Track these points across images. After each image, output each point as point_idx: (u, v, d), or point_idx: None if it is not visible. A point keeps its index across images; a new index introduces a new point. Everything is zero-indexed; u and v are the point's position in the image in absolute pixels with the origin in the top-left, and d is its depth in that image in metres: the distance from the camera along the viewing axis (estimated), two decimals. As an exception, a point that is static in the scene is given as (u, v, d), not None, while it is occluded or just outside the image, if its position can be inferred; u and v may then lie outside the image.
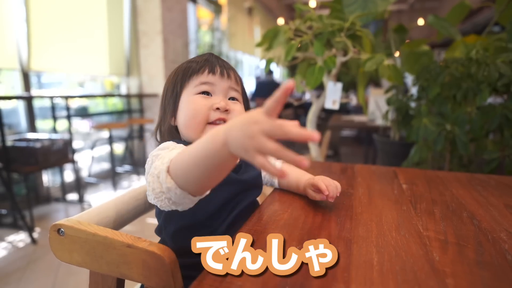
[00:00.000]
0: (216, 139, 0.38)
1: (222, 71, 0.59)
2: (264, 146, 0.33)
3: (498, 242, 0.45)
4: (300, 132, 0.33)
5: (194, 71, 0.59)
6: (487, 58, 1.08)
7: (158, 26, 3.23)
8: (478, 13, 4.54)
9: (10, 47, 2.15)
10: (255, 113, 0.35)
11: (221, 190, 0.53)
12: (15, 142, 2.05)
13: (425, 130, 1.13)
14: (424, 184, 0.73)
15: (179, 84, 0.59)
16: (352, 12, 1.18)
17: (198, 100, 0.57)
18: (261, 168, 0.35)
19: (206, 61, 0.60)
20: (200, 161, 0.40)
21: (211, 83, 0.58)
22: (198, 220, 0.55)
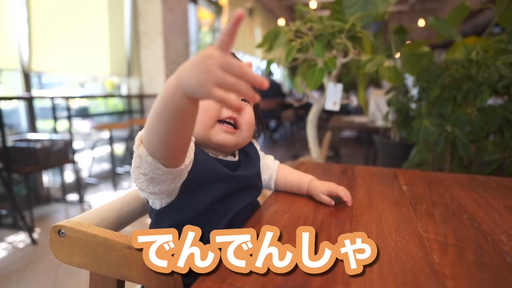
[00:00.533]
0: (168, 86, 0.36)
1: None
2: (222, 79, 0.32)
3: (498, 244, 0.45)
4: (255, 75, 0.32)
5: None
6: (487, 59, 1.08)
7: (159, 26, 3.24)
8: (478, 15, 4.54)
9: (11, 48, 2.15)
10: (209, 49, 0.33)
11: (213, 187, 0.51)
12: (15, 143, 2.05)
13: (425, 131, 1.13)
14: (424, 185, 0.73)
15: None
16: (353, 13, 1.18)
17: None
18: (219, 101, 0.33)
19: None
20: (159, 115, 0.38)
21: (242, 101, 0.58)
22: (188, 218, 0.52)
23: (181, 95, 0.35)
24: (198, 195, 0.52)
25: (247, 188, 0.58)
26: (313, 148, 1.39)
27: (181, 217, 0.52)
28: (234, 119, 0.55)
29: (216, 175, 0.53)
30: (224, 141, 0.54)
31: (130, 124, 3.02)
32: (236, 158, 0.60)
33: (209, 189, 0.52)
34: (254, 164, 0.62)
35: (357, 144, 5.01)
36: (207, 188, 0.52)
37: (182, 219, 0.52)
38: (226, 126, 0.55)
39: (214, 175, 0.52)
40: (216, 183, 0.52)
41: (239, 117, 0.56)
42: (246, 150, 0.63)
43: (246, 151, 0.63)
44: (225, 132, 0.54)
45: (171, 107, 0.37)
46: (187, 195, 0.51)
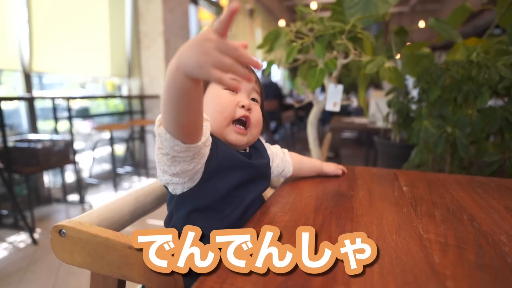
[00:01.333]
0: (170, 68, 0.39)
1: (250, 73, 0.63)
2: (220, 60, 0.35)
3: (498, 245, 0.45)
4: (250, 57, 0.36)
5: None
6: (488, 60, 1.08)
7: (160, 27, 3.24)
8: (479, 16, 4.55)
9: (12, 48, 2.16)
10: (207, 33, 0.36)
11: (232, 173, 0.55)
12: (16, 143, 2.05)
13: (425, 132, 1.13)
14: (425, 186, 0.73)
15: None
16: (353, 14, 1.18)
17: (226, 96, 0.61)
18: (217, 81, 0.35)
19: None
20: (167, 95, 0.40)
21: (238, 81, 0.61)
22: (209, 202, 0.56)
23: (182, 75, 0.37)
24: (218, 180, 0.55)
25: (260, 177, 0.63)
26: (314, 149, 1.39)
27: (201, 202, 0.55)
28: (246, 117, 0.60)
29: (236, 162, 0.58)
30: (237, 141, 0.60)
31: (131, 124, 3.02)
32: (247, 150, 0.66)
33: (228, 176, 0.56)
34: (263, 155, 0.67)
35: (357, 145, 5.01)
36: (227, 174, 0.56)
37: (202, 204, 0.55)
38: (238, 127, 0.60)
39: (234, 162, 0.57)
40: (235, 170, 0.56)
41: (251, 116, 0.61)
42: (255, 144, 0.68)
43: (255, 145, 0.68)
44: (237, 133, 0.60)
45: (175, 87, 0.39)
46: (208, 181, 0.54)
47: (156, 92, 3.36)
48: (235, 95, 0.61)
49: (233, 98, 0.60)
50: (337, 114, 4.05)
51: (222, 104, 0.59)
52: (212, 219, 0.56)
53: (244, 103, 0.60)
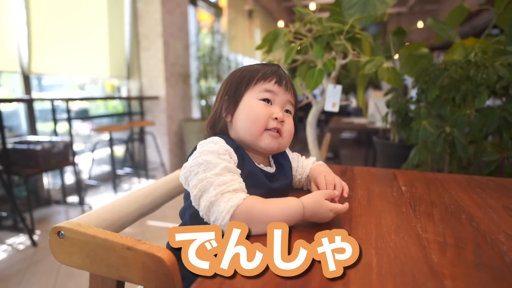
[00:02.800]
0: (299, 210, 0.49)
1: (287, 84, 0.64)
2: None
3: (496, 244, 0.45)
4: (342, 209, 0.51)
5: (262, 78, 0.63)
6: (486, 60, 1.09)
7: (159, 29, 3.25)
8: (477, 16, 4.56)
9: (11, 50, 2.16)
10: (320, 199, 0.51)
11: (251, 191, 0.55)
12: (15, 145, 2.05)
13: (424, 132, 1.14)
14: (423, 186, 0.73)
15: (245, 85, 0.63)
16: (352, 15, 1.19)
17: (261, 106, 0.61)
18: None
19: (275, 71, 0.64)
20: (282, 217, 0.47)
21: (275, 93, 0.62)
22: None
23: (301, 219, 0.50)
24: None
25: (275, 196, 0.60)
26: (313, 150, 1.40)
27: None
28: (278, 129, 0.61)
29: (257, 182, 0.58)
30: (269, 145, 0.60)
31: (130, 126, 3.02)
32: (273, 169, 0.66)
33: (249, 191, 0.54)
34: (287, 174, 0.67)
35: (357, 145, 5.02)
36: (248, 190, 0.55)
37: None
38: (272, 131, 0.60)
39: (255, 181, 0.58)
40: (254, 188, 0.55)
41: (283, 128, 0.61)
42: (280, 160, 0.68)
43: (280, 161, 0.67)
44: (271, 136, 0.60)
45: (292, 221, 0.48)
46: None
47: (156, 93, 3.36)
48: (269, 106, 0.61)
49: (267, 110, 0.61)
50: (336, 115, 4.06)
51: (257, 114, 0.60)
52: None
53: (277, 115, 0.60)
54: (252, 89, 0.62)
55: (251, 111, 0.61)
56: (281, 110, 0.62)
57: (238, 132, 0.62)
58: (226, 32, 4.74)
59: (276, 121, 0.60)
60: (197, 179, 0.51)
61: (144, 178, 3.26)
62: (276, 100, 0.62)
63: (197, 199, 0.50)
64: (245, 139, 0.61)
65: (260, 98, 0.61)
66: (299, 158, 0.73)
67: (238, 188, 0.50)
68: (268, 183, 0.60)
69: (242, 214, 0.46)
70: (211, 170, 0.51)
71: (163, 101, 3.36)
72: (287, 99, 0.64)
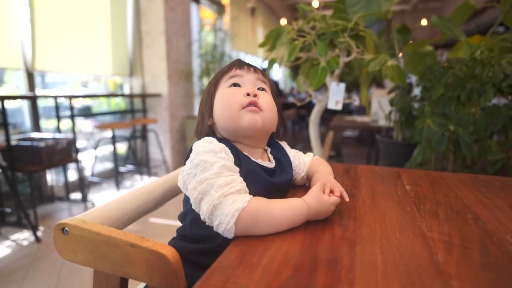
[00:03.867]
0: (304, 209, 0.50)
1: (248, 66, 0.64)
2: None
3: (503, 244, 0.45)
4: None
5: (224, 71, 0.64)
6: (492, 58, 1.07)
7: (161, 26, 3.24)
8: (482, 13, 4.52)
9: (15, 47, 2.16)
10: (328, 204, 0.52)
11: (251, 189, 0.54)
12: (19, 142, 2.06)
13: (428, 131, 1.13)
14: (428, 185, 0.73)
15: (213, 87, 0.64)
16: (356, 12, 1.18)
17: (230, 91, 0.61)
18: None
19: (234, 62, 0.66)
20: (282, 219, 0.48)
21: (240, 75, 0.63)
22: None
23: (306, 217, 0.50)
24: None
25: (277, 192, 0.60)
26: (315, 148, 1.39)
27: None
28: (254, 103, 0.59)
29: (256, 178, 0.56)
30: (251, 121, 0.58)
31: (133, 123, 3.03)
32: (273, 165, 0.64)
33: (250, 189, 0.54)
34: (286, 171, 0.65)
35: (359, 143, 5.00)
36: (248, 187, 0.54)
37: None
38: (249, 107, 0.58)
39: (255, 178, 0.56)
40: (254, 186, 0.54)
41: (259, 102, 0.60)
42: (279, 157, 0.66)
43: (280, 158, 0.66)
44: (250, 112, 0.58)
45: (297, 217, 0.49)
46: None
47: (158, 90, 3.37)
48: (239, 88, 0.61)
49: (237, 90, 0.61)
50: (339, 113, 4.04)
51: (228, 98, 0.60)
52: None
53: (248, 90, 0.59)
54: (220, 85, 0.63)
55: (223, 98, 0.61)
56: (252, 87, 0.62)
57: (221, 126, 0.61)
58: (229, 29, 4.73)
59: (249, 97, 0.59)
60: (196, 181, 0.49)
61: (146, 176, 3.27)
62: (243, 81, 0.62)
63: (198, 202, 0.48)
64: (228, 128, 0.60)
65: (228, 85, 0.62)
66: (300, 155, 0.72)
67: (240, 189, 0.49)
68: (268, 178, 0.59)
69: (247, 218, 0.45)
70: (209, 170, 0.50)
71: (166, 98, 3.36)
72: (255, 77, 0.63)
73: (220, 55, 3.93)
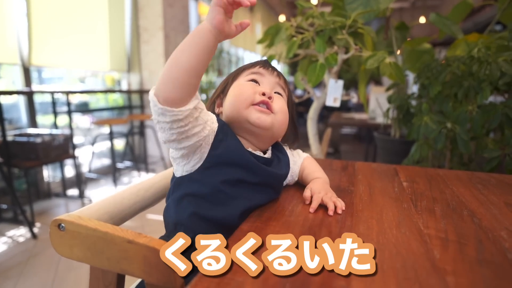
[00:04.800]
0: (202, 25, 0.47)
1: (273, 69, 0.64)
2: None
3: (498, 241, 0.45)
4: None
5: (248, 67, 0.64)
6: (489, 56, 1.08)
7: (159, 22, 3.22)
8: (480, 12, 4.52)
9: (11, 42, 2.14)
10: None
11: (235, 170, 0.54)
12: (15, 137, 2.05)
13: (425, 128, 1.13)
14: (425, 182, 0.73)
15: (232, 78, 0.64)
16: (354, 9, 1.17)
17: (247, 84, 0.60)
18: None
19: (260, 61, 0.65)
20: (187, 45, 0.47)
21: (261, 74, 0.62)
22: (202, 191, 0.53)
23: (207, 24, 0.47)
24: (217, 172, 0.53)
25: (266, 186, 0.58)
26: (313, 145, 1.39)
27: (195, 188, 0.54)
28: (266, 103, 0.58)
29: (240, 159, 0.55)
30: (259, 119, 0.56)
31: (130, 119, 3.01)
32: (268, 155, 0.62)
33: (228, 171, 0.54)
34: (282, 168, 0.63)
35: (357, 140, 5.02)
36: (227, 169, 0.54)
37: (196, 191, 0.54)
38: (259, 107, 0.57)
39: (238, 159, 0.54)
40: (237, 167, 0.54)
41: (272, 103, 0.58)
42: (279, 154, 0.65)
43: (279, 155, 0.65)
44: (260, 111, 0.57)
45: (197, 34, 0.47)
46: (207, 170, 0.53)
47: (156, 87, 3.35)
48: (257, 85, 0.60)
49: (253, 86, 0.59)
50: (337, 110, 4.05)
51: (242, 89, 0.59)
52: (201, 208, 0.53)
53: (264, 90, 0.58)
54: (238, 78, 0.63)
55: (237, 89, 0.60)
56: (270, 88, 0.61)
57: (227, 114, 0.60)
58: (227, 25, 4.70)
59: (263, 96, 0.57)
60: None
61: (144, 172, 3.27)
62: (263, 81, 0.62)
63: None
64: (233, 117, 0.58)
65: (247, 80, 0.61)
66: (297, 162, 0.70)
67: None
68: (254, 160, 0.56)
69: (160, 77, 0.47)
70: None
71: (164, 95, 3.34)
72: (275, 81, 0.63)
73: (218, 51, 3.92)
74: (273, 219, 0.52)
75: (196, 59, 0.46)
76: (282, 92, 0.64)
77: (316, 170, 0.69)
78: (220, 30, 0.47)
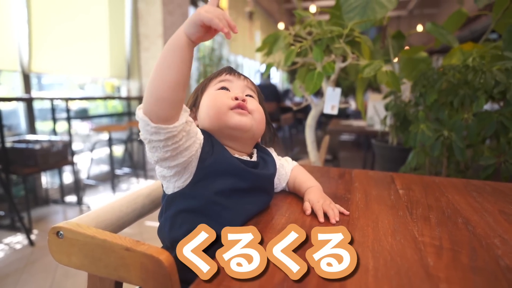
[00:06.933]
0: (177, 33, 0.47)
1: (238, 73, 0.66)
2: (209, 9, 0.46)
3: (491, 248, 0.46)
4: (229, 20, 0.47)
5: (214, 76, 0.65)
6: (484, 65, 1.09)
7: (159, 29, 3.25)
8: (476, 20, 4.58)
9: (11, 49, 2.16)
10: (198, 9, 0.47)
11: (226, 178, 0.54)
12: (14, 144, 2.05)
13: (422, 136, 1.14)
14: (421, 189, 0.74)
15: (200, 90, 0.65)
16: (351, 18, 1.19)
17: (218, 93, 0.61)
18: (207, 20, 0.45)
19: (224, 68, 0.67)
20: (164, 54, 0.47)
21: (229, 80, 0.63)
22: (196, 206, 0.53)
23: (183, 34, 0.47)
24: (208, 184, 0.53)
25: (259, 190, 0.59)
26: (312, 152, 1.40)
27: (189, 204, 0.54)
28: (242, 106, 0.58)
29: (230, 166, 0.55)
30: (240, 122, 0.57)
31: (130, 126, 3.02)
32: (254, 158, 0.63)
33: (220, 180, 0.54)
34: (269, 169, 0.64)
35: (355, 147, 5.03)
36: (218, 179, 0.54)
37: (189, 206, 0.54)
38: (237, 110, 0.58)
39: (228, 166, 0.55)
40: (228, 175, 0.54)
41: (247, 106, 0.59)
42: (264, 156, 0.65)
43: (264, 156, 0.65)
44: (238, 114, 0.58)
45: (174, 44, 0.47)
46: (198, 183, 0.53)
47: (155, 93, 3.36)
48: (228, 92, 0.62)
49: (225, 93, 0.61)
50: (336, 117, 4.06)
51: (215, 98, 0.60)
52: (197, 224, 0.50)
53: (237, 95, 0.59)
54: (207, 89, 0.64)
55: (210, 98, 0.61)
56: (240, 92, 0.62)
57: (205, 126, 0.60)
58: (227, 33, 4.74)
59: (237, 101, 0.58)
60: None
61: (142, 178, 3.26)
62: (232, 86, 0.63)
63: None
64: (213, 127, 0.58)
65: (217, 89, 0.62)
66: (284, 165, 0.71)
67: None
68: (243, 165, 0.56)
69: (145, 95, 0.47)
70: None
71: (163, 101, 3.36)
72: (243, 84, 0.64)
73: (218, 58, 3.95)
74: (269, 227, 0.53)
75: (181, 74, 0.47)
76: (253, 94, 0.65)
77: (307, 179, 0.69)
78: (198, 43, 0.49)
